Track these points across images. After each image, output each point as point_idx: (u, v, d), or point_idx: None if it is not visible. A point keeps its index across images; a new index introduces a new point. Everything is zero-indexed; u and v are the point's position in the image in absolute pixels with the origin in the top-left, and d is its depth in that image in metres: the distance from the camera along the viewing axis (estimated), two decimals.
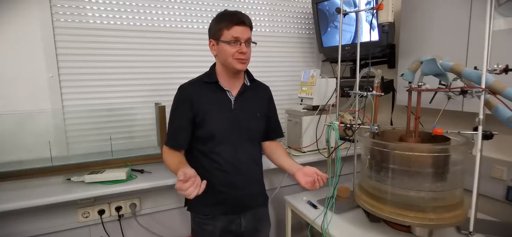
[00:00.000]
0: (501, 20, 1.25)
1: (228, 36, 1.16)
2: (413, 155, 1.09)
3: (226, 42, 1.17)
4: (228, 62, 1.19)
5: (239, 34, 1.16)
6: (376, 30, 1.71)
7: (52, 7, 1.54)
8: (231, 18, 1.16)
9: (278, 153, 1.40)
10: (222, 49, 1.19)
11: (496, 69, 0.99)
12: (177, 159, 1.21)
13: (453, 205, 1.07)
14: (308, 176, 1.20)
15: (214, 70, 1.28)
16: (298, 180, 1.22)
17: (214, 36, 1.21)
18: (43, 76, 1.55)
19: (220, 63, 1.24)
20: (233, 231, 1.30)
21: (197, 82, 1.28)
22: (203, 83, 1.26)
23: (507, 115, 0.97)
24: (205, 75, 1.29)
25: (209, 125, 1.21)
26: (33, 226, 1.34)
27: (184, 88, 1.26)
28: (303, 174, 1.22)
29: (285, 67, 2.17)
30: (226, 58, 1.19)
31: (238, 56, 1.18)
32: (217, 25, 1.19)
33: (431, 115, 1.30)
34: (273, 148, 1.42)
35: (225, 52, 1.18)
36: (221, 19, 1.18)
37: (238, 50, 1.17)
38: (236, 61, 1.19)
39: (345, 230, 1.23)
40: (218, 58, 1.24)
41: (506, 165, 1.33)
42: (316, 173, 1.19)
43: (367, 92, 1.28)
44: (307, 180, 1.19)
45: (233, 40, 1.16)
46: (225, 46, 1.17)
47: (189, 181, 0.98)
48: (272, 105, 1.42)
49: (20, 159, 1.51)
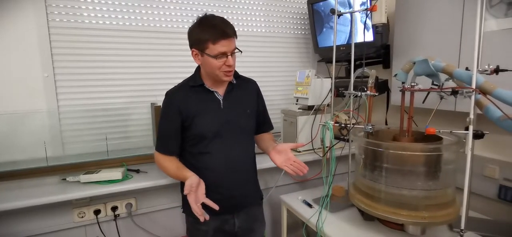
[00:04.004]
0: (492, 21, 1.26)
1: (214, 50, 1.11)
2: (406, 154, 1.10)
3: (212, 56, 1.12)
4: (215, 74, 1.17)
5: (225, 48, 1.12)
6: (371, 31, 1.72)
7: (47, 7, 1.53)
8: (216, 31, 1.10)
9: (263, 138, 1.43)
10: (207, 62, 1.15)
11: (487, 69, 1.00)
12: (174, 164, 1.23)
13: (445, 203, 1.08)
14: (280, 154, 1.26)
15: (199, 73, 1.26)
16: (272, 159, 1.28)
17: (197, 46, 1.15)
18: (38, 76, 1.55)
19: (205, 71, 1.22)
20: (227, 231, 1.30)
21: (183, 86, 1.27)
22: (189, 87, 1.24)
23: (497, 114, 0.99)
24: (190, 79, 1.27)
25: (198, 126, 1.21)
26: (28, 226, 1.34)
27: (170, 94, 1.25)
28: (276, 152, 1.27)
29: (281, 67, 2.18)
30: (212, 70, 1.16)
31: (225, 68, 1.15)
32: (201, 35, 1.12)
33: (425, 114, 1.32)
34: (261, 136, 1.45)
35: (210, 65, 1.15)
36: (205, 29, 1.12)
37: (225, 63, 1.14)
38: (223, 74, 1.17)
39: (339, 229, 1.24)
40: (203, 68, 1.21)
41: (498, 164, 1.35)
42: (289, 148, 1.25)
43: (362, 92, 1.29)
44: (281, 160, 1.25)
45: (219, 55, 1.12)
46: (210, 59, 1.13)
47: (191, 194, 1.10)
48: (261, 99, 1.41)
49: (15, 159, 1.50)
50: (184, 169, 1.20)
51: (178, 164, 1.23)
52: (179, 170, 1.21)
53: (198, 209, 1.08)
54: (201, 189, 1.13)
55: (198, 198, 1.11)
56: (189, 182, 1.10)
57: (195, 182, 1.12)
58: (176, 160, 1.26)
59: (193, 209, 1.08)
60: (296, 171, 1.23)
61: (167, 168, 1.25)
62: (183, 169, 1.21)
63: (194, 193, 1.10)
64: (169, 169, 1.24)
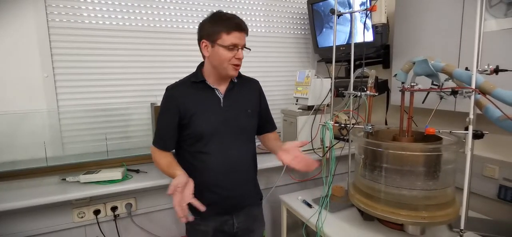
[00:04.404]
0: (492, 21, 1.26)
1: (227, 41, 1.13)
2: (405, 154, 1.10)
3: (224, 47, 1.14)
4: (223, 66, 1.18)
5: (238, 40, 1.15)
6: (371, 31, 1.72)
7: (47, 7, 1.53)
8: (231, 23, 1.14)
9: (269, 138, 1.43)
10: (217, 53, 1.16)
11: (487, 69, 1.00)
12: (167, 160, 1.21)
13: (445, 203, 1.09)
14: (288, 152, 1.21)
15: (201, 70, 1.26)
16: (280, 158, 1.22)
17: (208, 38, 1.17)
18: (38, 76, 1.55)
19: (212, 65, 1.21)
20: (226, 231, 1.29)
21: (185, 82, 1.27)
22: (190, 83, 1.24)
23: (496, 114, 0.99)
24: (192, 75, 1.27)
25: (197, 125, 1.20)
26: (28, 226, 1.34)
27: (170, 90, 1.25)
28: (283, 151, 1.23)
29: (281, 67, 2.18)
30: (222, 62, 1.17)
31: (234, 61, 1.17)
32: (214, 27, 1.15)
33: (425, 114, 1.32)
34: (266, 136, 1.44)
35: (221, 56, 1.16)
36: (219, 21, 1.15)
37: (235, 56, 1.16)
38: (232, 67, 1.18)
39: (339, 229, 1.24)
40: (210, 60, 1.20)
41: (498, 164, 1.35)
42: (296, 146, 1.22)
43: (361, 92, 1.29)
44: (289, 157, 1.20)
45: (231, 46, 1.14)
46: (221, 50, 1.15)
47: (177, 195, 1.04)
48: (263, 98, 1.41)
49: (15, 159, 1.50)
50: (174, 167, 1.17)
51: (170, 161, 1.21)
52: (169, 167, 1.18)
53: (179, 210, 1.03)
54: (188, 189, 1.07)
55: (184, 198, 1.05)
56: (175, 182, 1.06)
57: (181, 182, 1.06)
58: (170, 156, 1.24)
59: (175, 209, 1.03)
60: (304, 167, 1.21)
61: (160, 164, 1.23)
62: (173, 166, 1.18)
63: (179, 193, 1.04)
64: (161, 165, 1.22)
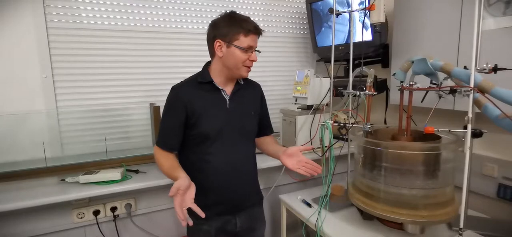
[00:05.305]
0: (490, 20, 1.27)
1: (244, 43, 1.16)
2: (405, 154, 1.10)
3: (241, 48, 1.16)
4: (237, 67, 1.19)
5: (254, 42, 1.19)
6: (369, 30, 1.72)
7: (46, 7, 1.53)
8: (249, 25, 1.17)
9: (267, 141, 1.44)
10: (232, 53, 1.17)
11: (485, 68, 1.00)
12: (169, 162, 1.20)
13: (444, 202, 1.09)
14: (292, 157, 1.26)
15: (207, 69, 1.26)
16: (284, 163, 1.28)
17: (224, 38, 1.16)
18: (37, 77, 1.55)
19: (224, 65, 1.21)
20: (229, 231, 1.30)
21: (191, 82, 1.26)
22: (197, 83, 1.24)
23: (495, 113, 0.99)
24: (198, 75, 1.27)
25: (203, 125, 1.20)
26: (28, 227, 1.34)
27: (177, 89, 1.23)
28: (287, 156, 1.28)
29: (280, 67, 2.19)
30: (236, 63, 1.18)
31: (248, 63, 1.20)
32: (232, 28, 1.15)
33: (423, 113, 1.32)
34: (263, 139, 1.45)
35: (235, 57, 1.17)
36: (236, 22, 1.16)
37: (250, 58, 1.19)
38: (245, 69, 1.21)
39: (339, 228, 1.25)
40: (223, 60, 1.20)
41: (497, 163, 1.36)
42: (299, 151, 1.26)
43: (360, 92, 1.29)
44: (293, 162, 1.26)
45: (247, 48, 1.17)
46: (237, 51, 1.16)
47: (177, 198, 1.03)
48: (264, 103, 1.42)
49: (14, 160, 1.50)
50: (177, 170, 1.16)
51: (173, 163, 1.20)
52: (172, 170, 1.17)
53: (181, 213, 1.01)
54: (189, 194, 1.07)
55: (185, 202, 1.05)
56: (177, 185, 1.04)
57: (183, 185, 1.05)
58: (173, 158, 1.23)
59: (177, 212, 1.02)
60: (309, 172, 1.23)
61: (162, 165, 1.22)
62: (176, 169, 1.16)
63: (180, 196, 1.03)
64: (163, 166, 1.21)
